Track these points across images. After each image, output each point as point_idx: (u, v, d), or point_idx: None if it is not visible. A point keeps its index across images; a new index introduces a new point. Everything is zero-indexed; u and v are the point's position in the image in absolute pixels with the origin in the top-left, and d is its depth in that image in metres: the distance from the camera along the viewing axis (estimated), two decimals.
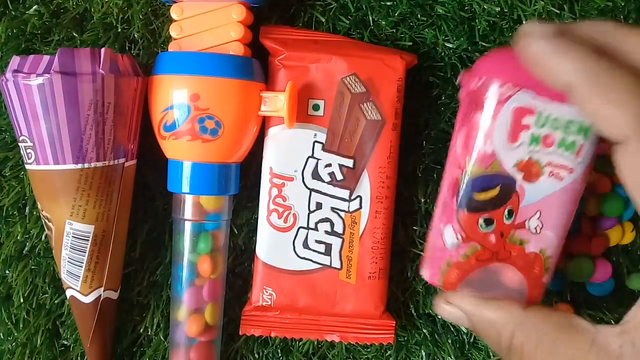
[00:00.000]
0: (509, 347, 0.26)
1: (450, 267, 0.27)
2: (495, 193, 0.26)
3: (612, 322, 0.36)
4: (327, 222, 0.34)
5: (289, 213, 0.35)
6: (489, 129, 0.26)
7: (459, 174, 0.27)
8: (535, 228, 0.27)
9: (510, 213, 0.26)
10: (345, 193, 0.34)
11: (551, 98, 0.25)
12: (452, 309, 0.28)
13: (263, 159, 0.35)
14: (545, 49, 0.24)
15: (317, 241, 0.35)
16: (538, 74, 0.24)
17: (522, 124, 0.25)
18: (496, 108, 0.26)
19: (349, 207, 0.34)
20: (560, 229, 0.27)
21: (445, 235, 0.27)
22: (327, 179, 0.34)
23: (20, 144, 0.33)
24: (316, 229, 0.34)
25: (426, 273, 0.29)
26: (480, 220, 0.26)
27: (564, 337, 0.25)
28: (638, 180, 0.23)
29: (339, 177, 0.34)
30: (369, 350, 0.37)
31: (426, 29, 0.36)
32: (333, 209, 0.34)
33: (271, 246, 0.35)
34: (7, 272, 0.38)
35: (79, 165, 0.32)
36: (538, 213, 0.26)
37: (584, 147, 0.26)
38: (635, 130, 0.22)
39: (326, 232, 0.34)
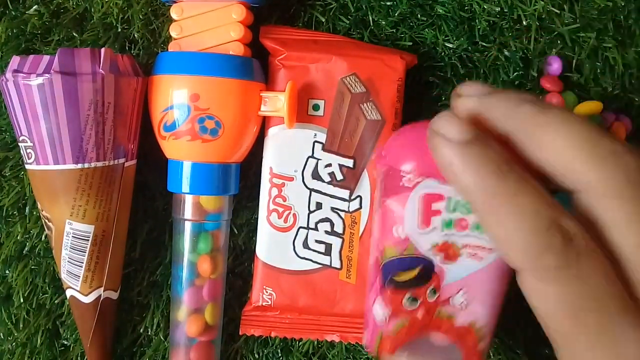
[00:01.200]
0: None
1: (383, 338, 0.27)
2: (415, 274, 0.26)
3: None
4: (327, 222, 0.34)
5: (289, 213, 0.35)
6: (399, 215, 0.25)
7: (379, 254, 0.26)
8: (461, 304, 0.26)
9: (434, 291, 0.26)
10: (345, 193, 0.34)
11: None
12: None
13: (263, 159, 0.35)
14: (453, 156, 0.22)
15: (317, 241, 0.35)
16: (443, 174, 0.23)
17: (432, 209, 0.25)
18: (404, 195, 0.25)
19: (349, 207, 0.34)
20: (490, 301, 0.26)
21: (375, 310, 0.27)
22: (327, 179, 0.34)
23: (20, 144, 0.33)
24: (316, 229, 0.34)
25: (365, 339, 0.29)
26: (405, 298, 0.26)
27: None
28: (544, 308, 0.22)
29: (339, 177, 0.34)
30: None
31: (426, 29, 0.36)
32: (333, 209, 0.34)
33: (271, 246, 0.35)
34: (7, 272, 0.38)
35: (79, 165, 0.32)
36: (462, 290, 0.26)
37: None
38: (525, 263, 0.21)
39: (326, 232, 0.34)
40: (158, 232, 0.37)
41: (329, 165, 0.34)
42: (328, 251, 0.35)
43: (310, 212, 0.34)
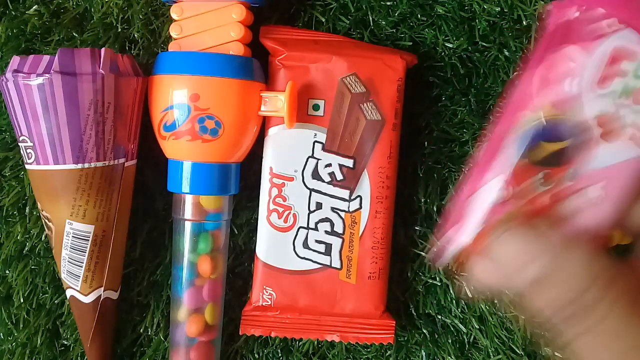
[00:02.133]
0: (597, 299, 0.21)
1: (481, 233, 0.23)
2: (563, 146, 0.22)
3: None
4: (327, 222, 0.34)
5: (289, 213, 0.35)
6: (580, 66, 0.22)
7: (528, 116, 0.22)
8: (597, 198, 0.22)
9: (574, 174, 0.22)
10: (345, 193, 0.34)
11: None
12: (533, 237, 0.22)
13: (263, 159, 0.35)
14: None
15: (317, 241, 0.35)
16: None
17: (618, 67, 0.21)
18: (594, 43, 0.22)
19: (349, 207, 0.34)
20: (622, 205, 0.23)
21: (490, 189, 0.23)
22: (327, 179, 0.34)
23: (20, 144, 0.33)
24: (316, 229, 0.34)
25: (455, 237, 0.24)
26: (538, 176, 0.22)
27: None
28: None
29: (339, 177, 0.34)
30: (369, 350, 0.37)
31: (426, 29, 0.36)
32: (333, 209, 0.34)
33: (271, 246, 0.35)
34: (7, 272, 0.38)
35: (79, 165, 0.32)
36: (604, 181, 0.22)
37: None
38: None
39: (326, 232, 0.34)
40: (158, 232, 0.37)
41: (329, 165, 0.34)
42: (328, 251, 0.35)
43: (310, 212, 0.34)
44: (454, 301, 0.37)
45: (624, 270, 0.22)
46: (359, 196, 0.34)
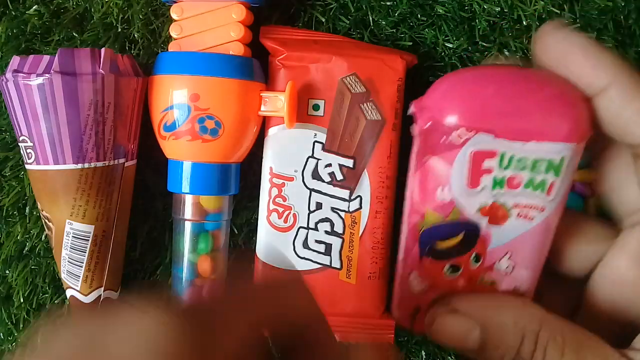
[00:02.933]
0: (531, 351, 0.23)
1: (420, 312, 0.25)
2: (458, 241, 0.23)
3: None
4: (327, 222, 0.34)
5: (289, 213, 0.34)
6: (445, 175, 0.23)
7: (418, 220, 0.24)
8: (506, 269, 0.24)
9: (478, 258, 0.24)
10: (345, 193, 0.34)
11: (514, 138, 0.22)
12: (459, 319, 0.24)
13: (263, 159, 0.35)
14: (583, 43, 0.23)
15: (317, 241, 0.35)
16: (573, 69, 0.23)
17: (482, 168, 0.22)
18: (451, 154, 0.22)
19: (349, 207, 0.34)
20: (535, 264, 0.24)
21: (412, 282, 0.25)
22: (327, 179, 0.34)
23: (20, 144, 0.33)
24: (316, 229, 0.34)
25: (396, 314, 0.26)
26: (446, 268, 0.24)
27: (592, 343, 0.23)
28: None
29: (339, 177, 0.34)
30: None
31: (426, 29, 0.36)
32: (333, 209, 0.34)
33: (271, 246, 0.35)
34: (7, 272, 0.38)
35: (79, 165, 0.32)
36: (508, 254, 0.24)
37: (555, 184, 0.23)
38: None
39: (326, 232, 0.34)
40: (158, 232, 0.37)
41: (329, 165, 0.34)
42: (328, 251, 0.35)
43: (310, 212, 0.34)
44: None
45: (550, 313, 0.24)
46: (359, 196, 0.34)
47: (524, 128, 0.22)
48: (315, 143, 0.34)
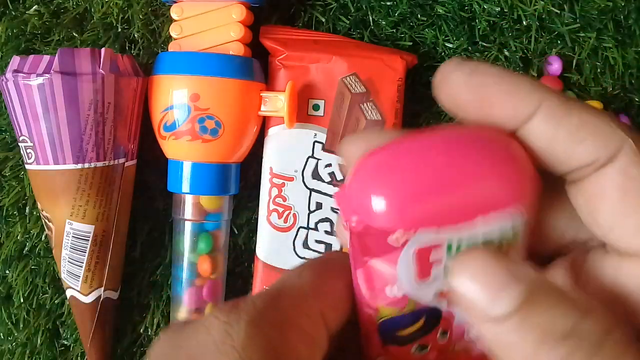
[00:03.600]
0: None
1: None
2: (420, 325, 0.21)
3: None
4: (327, 222, 0.34)
5: (289, 213, 0.34)
6: (391, 275, 0.20)
7: (373, 313, 0.22)
8: (477, 336, 0.22)
9: (444, 333, 0.22)
10: None
11: (458, 221, 0.19)
12: None
13: (263, 159, 0.35)
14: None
15: (317, 241, 0.35)
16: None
17: (430, 261, 0.20)
18: (393, 255, 0.20)
19: None
20: None
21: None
22: (327, 179, 0.34)
23: (20, 144, 0.33)
24: (316, 229, 0.34)
25: None
26: (414, 349, 0.22)
27: None
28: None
29: (339, 177, 0.34)
30: None
31: (426, 29, 0.36)
32: (333, 209, 0.34)
33: (271, 246, 0.35)
34: (7, 272, 0.38)
35: (79, 165, 0.32)
36: None
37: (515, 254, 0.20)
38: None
39: (326, 232, 0.34)
40: (158, 232, 0.37)
41: (329, 165, 0.34)
42: (328, 251, 0.35)
43: (310, 212, 0.34)
44: None
45: None
46: None
47: (465, 205, 0.19)
48: (315, 143, 0.34)
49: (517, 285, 0.17)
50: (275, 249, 0.35)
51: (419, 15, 0.36)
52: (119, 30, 0.37)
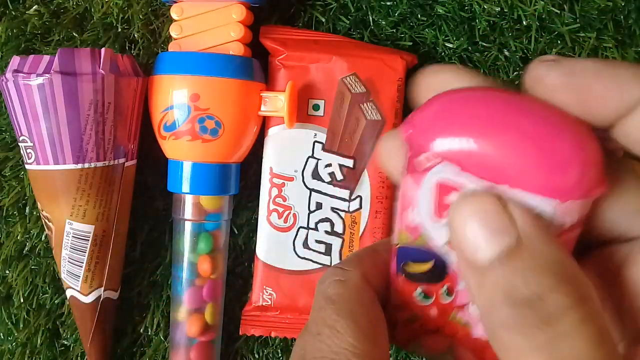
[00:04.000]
0: None
1: (397, 327, 0.23)
2: (428, 267, 0.21)
3: None
4: (327, 222, 0.34)
5: (289, 213, 0.34)
6: (414, 196, 0.20)
7: (396, 235, 0.22)
8: (478, 316, 0.21)
9: (449, 292, 0.21)
10: (345, 193, 0.34)
11: (481, 176, 0.19)
12: None
13: (263, 159, 0.35)
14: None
15: (317, 241, 0.35)
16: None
17: (449, 200, 0.19)
18: (419, 176, 0.20)
19: (349, 207, 0.34)
20: None
21: (393, 293, 0.23)
22: (327, 179, 0.34)
23: (20, 144, 0.33)
24: (316, 229, 0.34)
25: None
26: (418, 292, 0.22)
27: None
28: None
29: (339, 177, 0.34)
30: None
31: (426, 29, 0.36)
32: (333, 209, 0.34)
33: (271, 246, 0.35)
34: (7, 272, 0.38)
35: (79, 165, 0.32)
36: None
37: None
38: None
39: (326, 232, 0.34)
40: (158, 232, 0.37)
41: (329, 165, 0.34)
42: (328, 251, 0.35)
43: (310, 212, 0.34)
44: None
45: None
46: (359, 196, 0.34)
47: (503, 167, 0.18)
48: (315, 143, 0.34)
49: (505, 236, 0.17)
50: (275, 249, 0.35)
51: (419, 15, 0.36)
52: (119, 30, 0.37)
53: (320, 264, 0.35)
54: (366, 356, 0.20)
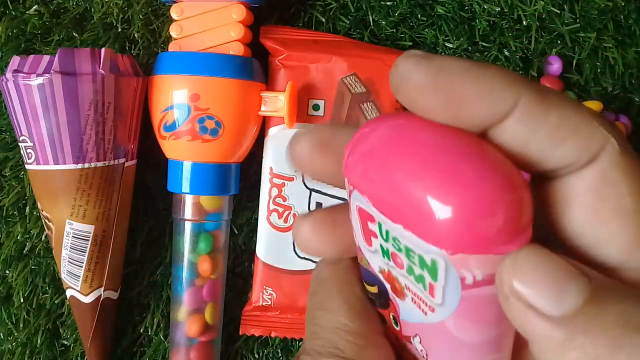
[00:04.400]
0: None
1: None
2: (375, 291, 0.20)
3: None
4: None
5: (289, 213, 0.34)
6: (351, 216, 0.19)
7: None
8: (421, 352, 0.20)
9: (395, 321, 0.20)
10: (345, 193, 0.34)
11: (384, 211, 0.17)
12: None
13: (263, 159, 0.35)
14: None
15: None
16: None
17: (369, 227, 0.18)
18: (348, 198, 0.19)
19: None
20: None
21: None
22: None
23: (20, 144, 0.33)
24: None
25: None
26: (378, 312, 0.21)
27: None
28: None
29: None
30: None
31: (426, 29, 0.36)
32: None
33: (271, 246, 0.35)
34: (7, 272, 0.38)
35: (79, 165, 0.32)
36: (418, 337, 0.19)
37: (435, 288, 0.17)
38: None
39: None
40: (158, 232, 0.37)
41: None
42: None
43: (310, 212, 0.34)
44: None
45: None
46: None
47: (396, 205, 0.17)
48: None
49: (580, 279, 0.15)
50: (275, 249, 0.35)
51: (419, 15, 0.36)
52: (119, 30, 0.37)
53: None
54: (360, 334, 0.19)
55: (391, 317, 0.20)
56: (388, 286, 0.19)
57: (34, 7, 0.37)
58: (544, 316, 0.15)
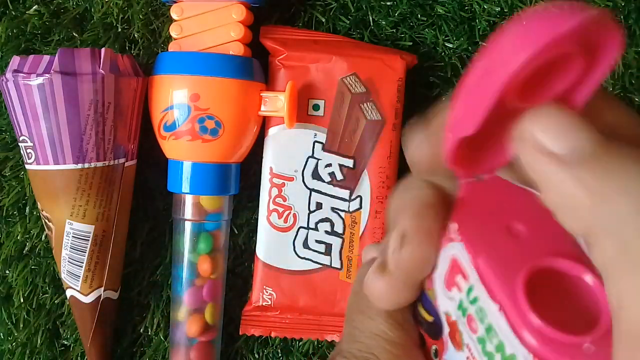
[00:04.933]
0: None
1: None
2: (430, 320, 0.20)
3: None
4: (327, 222, 0.34)
5: (289, 213, 0.35)
6: (439, 255, 0.19)
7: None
8: None
9: (436, 353, 0.20)
10: (345, 193, 0.34)
11: (485, 282, 0.17)
12: None
13: (263, 159, 0.35)
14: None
15: (317, 241, 0.35)
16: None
17: (456, 279, 0.18)
18: (444, 240, 0.19)
19: (349, 207, 0.34)
20: None
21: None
22: (327, 179, 0.34)
23: (20, 144, 0.33)
24: (316, 229, 0.34)
25: None
26: (421, 333, 0.21)
27: None
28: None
29: (339, 177, 0.34)
30: None
31: (426, 29, 0.36)
32: (333, 209, 0.34)
33: (271, 246, 0.35)
34: (7, 272, 0.38)
35: (79, 165, 0.32)
36: None
37: None
38: None
39: (326, 232, 0.34)
40: (158, 232, 0.37)
41: (329, 165, 0.34)
42: (328, 251, 0.35)
43: (310, 212, 0.34)
44: None
45: None
46: (359, 196, 0.34)
47: (506, 288, 0.17)
48: (315, 143, 0.34)
49: (590, 130, 0.16)
50: (275, 249, 0.35)
51: (419, 15, 0.36)
52: (119, 30, 0.37)
53: (320, 264, 0.35)
54: (398, 343, 0.19)
55: (433, 349, 0.20)
56: (447, 329, 0.19)
57: (34, 7, 0.37)
58: (555, 157, 0.16)
